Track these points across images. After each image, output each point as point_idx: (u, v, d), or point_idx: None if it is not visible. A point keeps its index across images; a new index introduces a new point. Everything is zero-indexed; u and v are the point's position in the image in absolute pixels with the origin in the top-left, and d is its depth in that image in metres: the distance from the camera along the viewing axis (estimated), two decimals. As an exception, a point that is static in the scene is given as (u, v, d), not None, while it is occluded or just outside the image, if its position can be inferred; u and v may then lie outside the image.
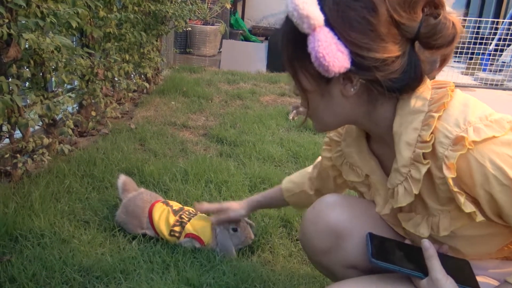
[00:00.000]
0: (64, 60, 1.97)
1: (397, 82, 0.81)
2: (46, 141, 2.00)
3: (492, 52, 6.17)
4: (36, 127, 2.24)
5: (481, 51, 6.03)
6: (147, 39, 3.33)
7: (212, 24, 6.02)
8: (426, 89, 0.85)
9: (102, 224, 1.67)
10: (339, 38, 0.78)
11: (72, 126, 2.18)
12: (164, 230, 1.57)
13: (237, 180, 2.10)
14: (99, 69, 2.49)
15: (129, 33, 2.85)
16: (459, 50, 5.98)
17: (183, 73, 4.86)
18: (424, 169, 0.82)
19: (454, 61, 6.89)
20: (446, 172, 0.78)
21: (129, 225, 1.63)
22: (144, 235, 1.61)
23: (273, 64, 5.60)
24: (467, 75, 6.23)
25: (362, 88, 0.85)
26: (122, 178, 1.77)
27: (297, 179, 1.40)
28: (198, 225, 1.56)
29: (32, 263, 1.39)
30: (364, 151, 1.03)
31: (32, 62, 1.85)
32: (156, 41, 3.73)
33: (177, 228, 1.57)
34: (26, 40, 1.56)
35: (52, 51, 1.86)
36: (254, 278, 1.42)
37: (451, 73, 5.88)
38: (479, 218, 0.80)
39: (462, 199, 0.79)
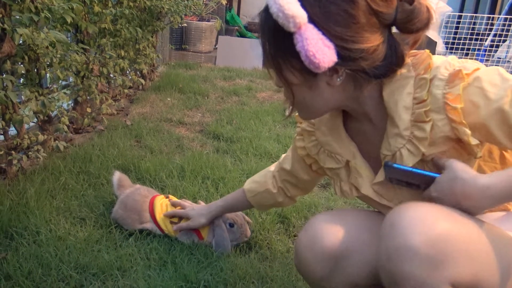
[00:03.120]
0: (58, 56, 1.95)
1: (381, 68, 0.85)
2: (41, 137, 1.98)
3: (487, 48, 6.17)
4: (31, 124, 2.22)
5: (477, 47, 6.04)
6: (143, 35, 3.30)
7: (208, 20, 6.00)
8: (406, 57, 0.89)
9: (98, 221, 1.66)
10: (323, 34, 0.80)
11: (67, 123, 2.16)
12: (165, 220, 1.58)
13: (234, 176, 2.09)
14: (94, 65, 2.47)
15: (125, 29, 2.83)
16: (454, 46, 5.98)
17: (178, 69, 4.84)
18: (428, 127, 0.85)
19: (450, 57, 6.90)
20: (453, 105, 0.82)
21: (128, 220, 1.61)
22: (141, 231, 1.60)
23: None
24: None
25: (348, 77, 0.88)
26: (117, 175, 1.76)
27: (259, 178, 1.42)
28: None
29: (28, 261, 1.38)
30: (343, 138, 1.05)
31: (26, 58, 1.83)
32: (152, 37, 3.71)
33: (175, 219, 1.57)
34: (21, 35, 1.54)
35: (47, 47, 1.84)
36: (251, 274, 1.42)
37: (447, 69, 5.88)
38: (480, 153, 0.84)
39: (468, 131, 0.83)
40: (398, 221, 0.79)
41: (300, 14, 0.79)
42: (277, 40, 0.86)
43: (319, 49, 0.79)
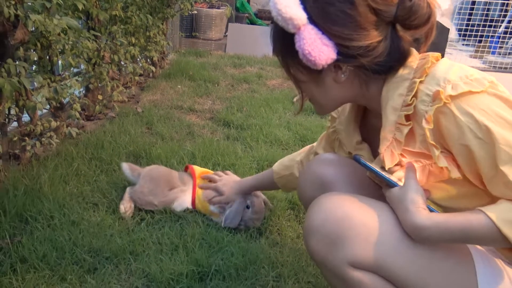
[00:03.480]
0: (70, 42, 1.96)
1: (383, 64, 0.88)
2: (54, 124, 2.00)
3: (501, 35, 6.07)
4: (44, 111, 2.25)
5: (490, 34, 5.95)
6: (153, 22, 3.30)
7: (218, 8, 5.96)
8: (414, 59, 0.90)
9: (111, 206, 1.68)
10: (323, 33, 0.85)
11: (79, 110, 2.17)
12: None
13: (244, 163, 2.10)
14: (105, 52, 2.48)
15: (135, 16, 2.83)
16: (467, 33, 5.90)
17: (189, 57, 4.83)
18: (406, 130, 0.88)
19: (463, 44, 6.80)
20: (424, 124, 0.84)
21: (157, 189, 1.65)
22: (153, 217, 1.62)
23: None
24: (476, 58, 6.15)
25: (353, 74, 0.92)
26: (125, 164, 1.80)
27: (287, 162, 1.51)
28: None
29: (43, 244, 1.40)
30: (350, 130, 1.10)
31: (39, 45, 1.84)
32: (162, 24, 3.70)
33: None
34: (34, 22, 1.55)
35: (59, 34, 1.85)
36: (262, 259, 1.43)
37: (459, 56, 5.81)
38: (454, 174, 0.84)
39: (437, 152, 0.84)
40: (312, 206, 0.93)
41: (298, 16, 0.84)
42: (283, 40, 0.92)
43: (315, 47, 0.84)
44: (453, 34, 5.85)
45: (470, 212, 0.80)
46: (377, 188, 1.06)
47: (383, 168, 0.93)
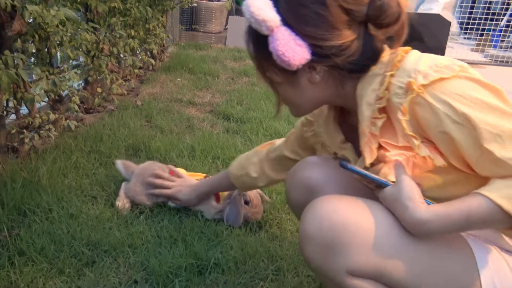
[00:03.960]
0: (69, 34, 1.95)
1: (357, 63, 0.88)
2: (52, 117, 1.99)
3: (503, 29, 6.04)
4: (42, 103, 2.23)
5: (492, 27, 5.92)
6: (153, 15, 3.28)
7: (218, 0, 5.94)
8: (385, 55, 0.90)
9: (110, 200, 1.67)
10: (296, 34, 0.86)
11: (78, 102, 2.16)
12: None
13: (244, 156, 2.09)
14: (104, 45, 2.46)
15: (134, 8, 2.81)
16: (469, 26, 5.87)
17: (189, 50, 4.82)
18: (379, 123, 0.88)
19: (464, 38, 6.77)
20: (400, 116, 0.84)
21: (149, 190, 1.64)
22: (151, 210, 1.62)
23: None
24: (477, 52, 6.13)
25: (327, 74, 0.92)
26: (120, 162, 1.78)
27: (243, 162, 1.48)
28: None
29: (41, 237, 1.39)
30: (332, 131, 1.09)
31: (36, 36, 1.83)
32: (162, 16, 3.68)
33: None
34: (31, 12, 1.53)
35: (57, 25, 1.83)
36: (261, 253, 1.42)
37: (460, 50, 5.78)
38: (438, 162, 0.83)
39: (416, 142, 0.84)
40: (306, 210, 0.90)
41: (271, 18, 0.85)
42: (257, 43, 0.93)
43: (289, 48, 0.85)
44: (454, 28, 5.82)
45: (467, 197, 0.79)
46: (366, 188, 1.05)
47: (367, 168, 0.92)
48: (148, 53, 3.67)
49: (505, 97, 0.80)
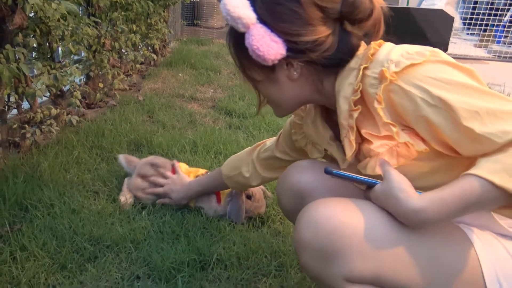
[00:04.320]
0: (70, 29, 1.93)
1: (332, 58, 0.90)
2: (54, 111, 1.98)
3: (507, 24, 6.01)
4: (44, 98, 2.23)
5: (496, 23, 5.88)
6: (154, 9, 3.27)
7: (220, -5, 5.92)
8: (361, 49, 0.92)
9: (112, 195, 1.66)
10: (272, 31, 0.88)
11: (79, 97, 2.15)
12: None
13: (246, 151, 2.08)
14: (106, 40, 2.45)
15: (136, 3, 2.79)
16: (472, 21, 5.84)
17: (190, 45, 4.80)
18: (355, 114, 0.89)
19: (467, 34, 6.73)
20: (375, 105, 0.85)
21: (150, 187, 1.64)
22: (154, 204, 1.61)
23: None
24: (481, 47, 6.09)
25: (305, 70, 0.94)
26: (122, 156, 1.78)
27: (235, 162, 1.49)
28: None
29: (43, 232, 1.39)
30: (320, 128, 1.09)
31: (38, 31, 1.82)
32: (163, 11, 3.67)
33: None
34: (32, 6, 1.52)
35: (58, 19, 1.82)
36: (264, 249, 1.42)
37: (463, 45, 5.75)
38: (419, 147, 0.84)
39: (394, 129, 0.85)
40: (301, 216, 0.88)
41: (247, 16, 0.87)
42: (236, 41, 0.95)
43: (264, 43, 0.87)
44: (457, 23, 5.79)
45: (458, 180, 0.77)
46: (357, 190, 1.05)
47: (352, 165, 0.92)
48: (149, 48, 3.66)
49: (478, 77, 0.81)
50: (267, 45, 0.88)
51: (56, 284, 1.22)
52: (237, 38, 0.93)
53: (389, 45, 0.89)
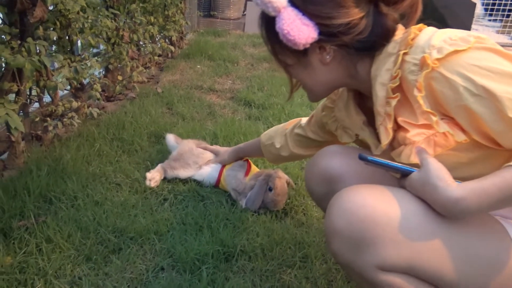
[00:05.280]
0: (90, 21, 1.93)
1: (366, 41, 0.88)
2: (75, 104, 1.99)
3: (530, 9, 5.83)
4: (64, 92, 2.24)
5: (519, 8, 5.71)
6: (172, 1, 3.25)
7: (236, -14, 5.87)
8: (399, 34, 0.89)
9: (134, 186, 1.66)
10: (303, 14, 0.87)
11: (99, 90, 2.16)
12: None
13: (267, 142, 2.06)
14: (124, 32, 2.44)
15: (154, -6, 2.78)
16: (495, 7, 5.68)
17: (207, 36, 4.78)
18: (394, 102, 0.86)
19: (489, 20, 6.56)
20: (415, 93, 0.82)
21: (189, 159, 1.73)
22: (176, 196, 1.61)
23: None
24: (503, 34, 5.93)
25: (338, 54, 0.92)
26: (171, 135, 1.90)
27: (272, 132, 1.54)
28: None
29: (67, 224, 1.40)
30: (352, 112, 1.07)
31: (58, 23, 1.82)
32: (180, 3, 3.65)
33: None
34: (52, -2, 1.52)
35: (78, 12, 1.82)
36: (288, 240, 1.40)
37: (486, 32, 5.60)
38: (459, 137, 0.81)
39: (434, 118, 0.82)
40: (333, 203, 0.86)
41: (277, 0, 0.86)
42: (267, 25, 0.94)
43: (294, 27, 0.86)
44: (479, 9, 5.64)
45: (499, 171, 0.74)
46: (389, 177, 1.02)
47: (387, 153, 0.88)
48: (167, 40, 3.65)
49: None
50: (298, 29, 0.86)
51: (82, 275, 1.22)
52: (268, 22, 0.92)
53: (430, 30, 0.86)
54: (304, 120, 1.41)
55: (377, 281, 0.82)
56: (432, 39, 0.81)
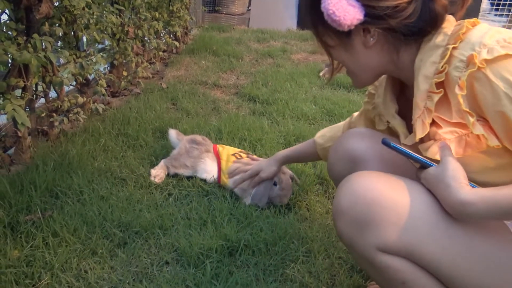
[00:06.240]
0: (95, 17, 1.94)
1: (413, 26, 0.85)
2: (80, 100, 2.01)
3: (537, 4, 5.79)
4: (70, 87, 2.25)
5: (525, 3, 5.67)
6: (176, -4, 3.26)
7: (241, -19, 5.86)
8: (449, 26, 0.86)
9: (139, 182, 1.68)
10: None
11: (105, 86, 2.17)
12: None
13: (271, 137, 2.07)
14: (129, 27, 2.45)
15: (158, -10, 2.79)
16: (501, 2, 5.65)
17: (212, 32, 4.78)
18: (436, 98, 0.84)
19: (495, 15, 6.52)
20: (457, 90, 0.80)
21: (194, 151, 1.73)
22: (180, 191, 1.62)
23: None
24: (509, 29, 5.88)
25: (382, 37, 0.90)
26: (174, 130, 1.89)
27: (330, 133, 1.46)
28: None
29: (73, 219, 1.41)
30: (387, 100, 1.06)
31: (63, 19, 1.83)
32: (185, -2, 3.65)
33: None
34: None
35: (83, 8, 1.83)
36: (291, 235, 1.41)
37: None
38: (492, 142, 0.79)
39: (471, 119, 0.80)
40: (342, 185, 0.89)
41: None
42: (312, 5, 0.92)
43: (340, 7, 0.84)
44: (485, 4, 5.60)
45: None
46: (411, 165, 1.01)
47: (416, 143, 0.88)
48: (171, 35, 3.65)
49: None
50: (344, 9, 0.84)
51: (87, 269, 1.24)
52: (312, 3, 0.91)
53: (484, 27, 0.82)
54: (355, 114, 1.39)
55: (376, 261, 0.84)
56: (484, 37, 0.78)
